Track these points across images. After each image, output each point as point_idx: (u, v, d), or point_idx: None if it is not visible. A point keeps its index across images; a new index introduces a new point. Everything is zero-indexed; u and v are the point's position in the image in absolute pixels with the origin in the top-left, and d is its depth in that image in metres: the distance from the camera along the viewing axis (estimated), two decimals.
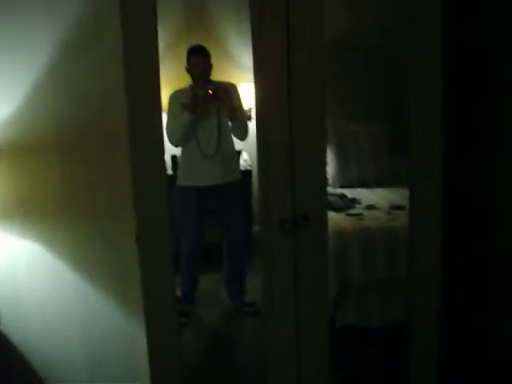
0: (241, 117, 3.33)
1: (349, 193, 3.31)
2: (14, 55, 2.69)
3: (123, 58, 2.25)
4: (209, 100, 3.22)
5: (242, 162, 3.59)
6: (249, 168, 3.57)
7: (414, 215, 2.49)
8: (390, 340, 2.97)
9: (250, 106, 3.42)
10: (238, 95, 3.37)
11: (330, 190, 3.21)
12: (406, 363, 2.59)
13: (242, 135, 3.36)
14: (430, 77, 2.36)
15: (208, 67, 3.25)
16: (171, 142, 3.23)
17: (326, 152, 2.45)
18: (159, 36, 2.27)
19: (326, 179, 2.46)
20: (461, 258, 2.74)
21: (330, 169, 3.36)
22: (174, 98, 3.24)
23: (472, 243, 2.72)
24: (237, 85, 3.38)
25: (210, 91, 3.19)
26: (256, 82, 2.30)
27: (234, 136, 3.38)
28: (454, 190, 2.60)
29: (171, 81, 3.03)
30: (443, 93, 2.36)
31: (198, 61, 3.23)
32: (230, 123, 3.34)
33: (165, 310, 2.48)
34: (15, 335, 2.92)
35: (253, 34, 2.29)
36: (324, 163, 2.43)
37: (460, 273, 2.74)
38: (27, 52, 2.69)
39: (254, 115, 3.22)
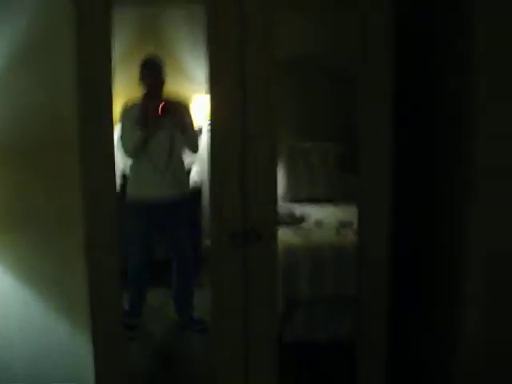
0: (192, 129, 3.32)
1: (298, 208, 3.32)
2: None
3: (76, 69, 2.23)
4: (160, 116, 3.20)
5: (193, 174, 3.57)
6: (199, 183, 3.55)
7: (363, 232, 2.52)
8: (337, 356, 2.99)
9: (201, 123, 3.42)
10: (189, 113, 3.37)
11: (279, 205, 3.22)
12: (354, 379, 2.60)
13: (193, 147, 3.36)
14: (378, 91, 2.41)
15: (160, 79, 3.23)
16: (125, 154, 3.21)
17: (276, 167, 2.46)
18: (112, 48, 2.26)
19: (276, 194, 2.47)
20: (409, 275, 2.78)
21: (280, 184, 3.37)
22: (126, 109, 3.21)
23: (420, 259, 2.76)
24: (190, 97, 3.38)
25: (160, 108, 3.17)
26: (210, 96, 2.31)
27: (186, 148, 3.37)
28: (403, 206, 2.64)
29: (124, 92, 3.00)
30: (392, 107, 2.41)
31: (151, 72, 3.21)
32: (181, 139, 3.33)
33: (112, 324, 2.46)
34: None
35: (207, 49, 2.30)
36: (275, 178, 2.44)
37: (408, 289, 2.79)
38: None
39: (205, 129, 3.25)
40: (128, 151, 3.21)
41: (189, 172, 3.57)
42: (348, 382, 2.63)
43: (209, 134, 2.35)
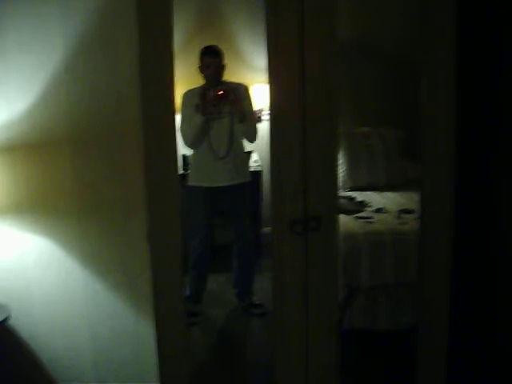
0: (251, 119, 3.32)
1: (359, 196, 3.31)
2: (30, 52, 2.71)
3: (138, 56, 2.27)
4: (220, 101, 3.22)
5: (252, 163, 3.59)
6: (259, 169, 3.57)
7: (425, 219, 2.48)
8: (397, 345, 2.96)
9: (261, 108, 3.42)
10: (249, 97, 3.37)
11: (339, 192, 3.21)
12: (414, 368, 2.58)
13: (251, 138, 3.36)
14: (443, 79, 2.36)
15: (220, 68, 3.25)
16: (186, 143, 3.24)
17: (337, 154, 2.44)
18: (173, 34, 2.28)
19: (337, 182, 2.46)
20: (472, 261, 2.73)
21: (341, 171, 3.36)
22: (186, 97, 3.24)
23: (483, 246, 2.71)
24: (249, 86, 3.38)
25: (221, 92, 3.18)
26: (270, 84, 2.31)
27: (244, 138, 3.38)
28: (466, 193, 2.59)
29: (184, 80, 3.03)
30: (456, 96, 2.36)
31: (211, 61, 3.23)
32: (242, 124, 3.33)
33: (174, 309, 2.49)
34: (24, 331, 2.94)
35: (267, 36, 2.30)
36: (336, 165, 2.43)
37: (471, 276, 2.74)
38: (42, 48, 2.71)
39: (264, 117, 3.25)
40: (189, 139, 3.25)
41: (249, 158, 3.59)
42: (407, 371, 2.61)
43: (269, 122, 2.35)
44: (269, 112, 2.35)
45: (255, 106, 3.41)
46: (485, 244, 2.71)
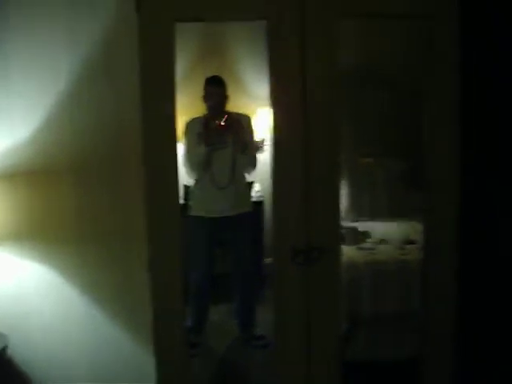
0: (251, 150, 3.34)
1: (360, 226, 3.29)
2: (33, 78, 2.72)
3: (140, 85, 2.27)
4: (223, 131, 3.23)
5: (253, 193, 3.59)
6: (261, 199, 3.56)
7: (429, 248, 2.47)
8: (400, 376, 2.92)
9: (264, 138, 3.42)
10: (252, 128, 3.38)
11: (342, 222, 3.20)
12: None
13: (250, 168, 3.37)
14: (446, 104, 2.37)
15: (223, 98, 3.27)
16: (189, 173, 3.25)
17: (340, 184, 2.44)
18: (176, 65, 2.29)
19: (339, 212, 2.45)
20: (477, 292, 2.71)
21: (343, 201, 3.35)
22: (189, 127, 3.26)
23: (488, 277, 2.69)
24: (252, 112, 3.40)
25: (223, 122, 3.19)
26: (272, 112, 2.31)
27: (243, 169, 3.38)
28: (471, 224, 2.58)
29: (186, 109, 3.04)
30: (460, 127, 2.36)
31: (214, 91, 3.24)
32: (243, 155, 3.34)
33: (175, 340, 2.46)
34: (22, 359, 2.91)
35: (269, 64, 2.31)
36: (338, 196, 2.42)
37: (475, 308, 2.71)
38: (46, 75, 2.72)
39: (267, 147, 3.25)
40: (191, 168, 3.25)
41: (251, 188, 3.58)
42: None
43: (271, 150, 2.34)
44: (271, 141, 2.34)
45: (257, 137, 3.42)
46: (491, 273, 2.69)
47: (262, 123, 3.41)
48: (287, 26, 2.27)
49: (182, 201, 3.41)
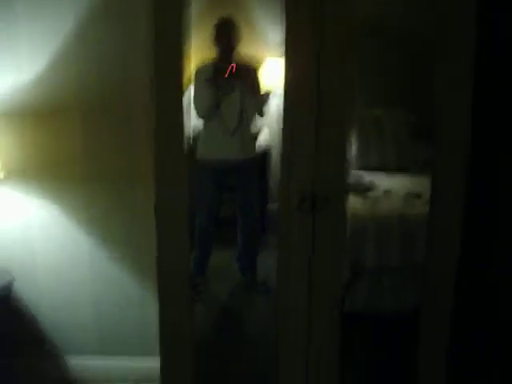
0: (259, 97, 3.32)
1: (367, 176, 3.28)
2: (40, 19, 2.69)
3: (151, 25, 2.24)
4: (231, 77, 3.21)
5: (262, 139, 3.57)
6: (268, 146, 3.55)
7: (435, 204, 2.46)
8: (400, 329, 2.96)
9: (272, 86, 3.39)
10: (257, 78, 3.36)
11: (349, 172, 3.19)
12: (415, 352, 2.58)
13: (260, 112, 3.36)
14: (457, 58, 2.32)
15: (234, 42, 3.22)
16: (198, 114, 3.24)
17: (349, 135, 2.42)
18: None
19: (347, 162, 2.44)
20: (480, 250, 2.72)
21: (351, 150, 3.33)
22: (199, 71, 3.22)
23: (494, 232, 2.69)
24: (262, 59, 3.36)
25: (231, 68, 3.17)
26: (285, 60, 2.28)
27: (255, 112, 3.37)
28: (479, 179, 2.57)
29: (198, 53, 3.01)
30: (472, 78, 2.33)
31: (224, 35, 3.20)
32: (251, 101, 3.33)
33: (179, 282, 2.49)
34: (28, 298, 2.94)
35: (286, 9, 2.25)
36: (347, 145, 2.41)
37: (477, 264, 2.73)
38: (52, 16, 2.68)
39: (274, 95, 3.22)
40: (200, 112, 3.23)
41: (258, 134, 3.57)
42: (409, 356, 2.61)
43: (282, 97, 2.32)
44: (283, 86, 2.32)
45: (263, 89, 3.40)
46: (495, 234, 2.70)
47: (274, 68, 3.38)
48: None
49: (190, 143, 3.42)
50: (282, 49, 2.30)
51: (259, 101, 3.33)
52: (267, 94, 3.38)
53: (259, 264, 3.58)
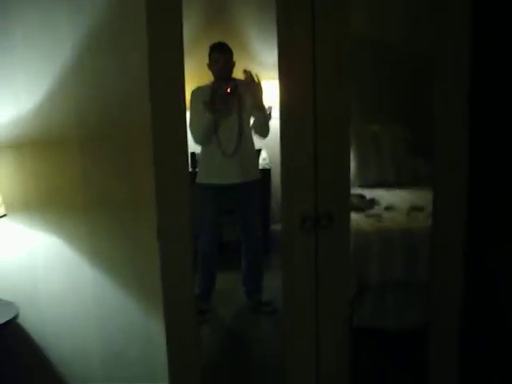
0: (263, 112, 3.32)
1: (368, 193, 3.29)
2: (37, 47, 2.70)
3: (148, 54, 2.25)
4: (229, 98, 3.21)
5: (261, 160, 3.58)
6: (268, 167, 3.55)
7: (437, 216, 2.46)
8: (406, 344, 2.95)
9: (271, 105, 3.40)
10: (261, 91, 3.36)
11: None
12: (424, 366, 2.57)
13: (264, 132, 3.35)
14: (456, 75, 2.34)
15: (229, 64, 3.24)
16: (195, 140, 3.23)
17: (349, 151, 2.43)
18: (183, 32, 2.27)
19: (349, 179, 2.45)
20: (483, 260, 2.71)
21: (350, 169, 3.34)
22: (195, 95, 3.23)
23: (496, 244, 2.69)
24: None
25: (229, 89, 3.18)
26: (280, 80, 2.29)
27: (256, 133, 3.37)
28: (480, 190, 2.57)
29: (193, 78, 3.02)
30: (469, 91, 2.34)
31: (220, 57, 3.22)
32: (251, 121, 3.33)
33: (184, 307, 2.48)
34: (32, 329, 2.93)
35: (278, 32, 2.27)
36: (347, 162, 2.41)
37: (482, 275, 2.72)
38: (50, 44, 2.70)
39: (273, 114, 3.24)
40: (197, 137, 3.23)
41: (258, 156, 3.57)
42: (418, 370, 2.59)
43: (279, 118, 2.33)
44: (279, 108, 2.33)
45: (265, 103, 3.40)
46: (498, 241, 2.69)
47: (270, 90, 3.39)
48: None
49: (190, 169, 3.42)
50: (277, 70, 2.31)
51: (262, 114, 3.32)
52: (269, 108, 3.39)
53: (264, 285, 3.57)
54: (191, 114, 3.21)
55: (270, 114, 3.38)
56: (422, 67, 2.70)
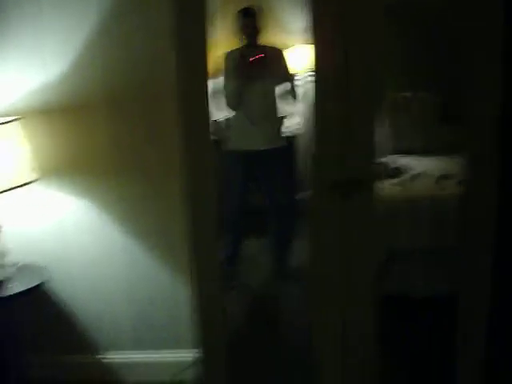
0: (290, 80, 3.31)
1: (398, 160, 3.27)
2: (65, 14, 2.69)
3: (173, 19, 2.24)
4: (256, 64, 3.20)
5: (291, 125, 3.54)
6: (295, 134, 3.53)
7: (469, 182, 2.42)
8: (436, 311, 2.94)
9: (298, 73, 3.39)
10: (285, 61, 3.34)
11: (380, 156, 3.17)
12: (452, 335, 2.55)
13: (292, 97, 3.34)
14: (489, 42, 2.29)
15: (257, 29, 3.22)
16: (227, 103, 3.24)
17: (379, 118, 2.40)
18: None
19: (375, 146, 2.42)
20: None
21: (380, 136, 3.31)
22: (227, 58, 3.22)
23: None
24: (284, 48, 3.35)
25: (256, 56, 3.16)
26: (314, 44, 2.24)
27: (284, 100, 3.35)
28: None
29: (222, 43, 3.01)
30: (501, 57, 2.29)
31: (247, 22, 3.20)
32: (277, 89, 3.31)
33: (211, 273, 2.49)
34: (63, 293, 2.96)
35: None
36: (374, 130, 2.38)
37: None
38: (78, 11, 2.68)
39: (300, 82, 3.22)
40: (229, 99, 3.24)
41: (283, 123, 3.55)
42: (445, 340, 2.58)
43: (313, 83, 2.30)
44: (312, 73, 2.29)
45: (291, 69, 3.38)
46: None
47: (296, 57, 3.37)
48: None
49: (219, 133, 3.42)
50: (309, 36, 2.28)
51: (289, 82, 3.31)
52: (293, 75, 3.37)
53: (294, 251, 3.57)
54: (224, 77, 3.21)
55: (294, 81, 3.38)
56: (454, 36, 2.63)
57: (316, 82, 2.28)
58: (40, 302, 2.88)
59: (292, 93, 3.34)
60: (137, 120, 2.76)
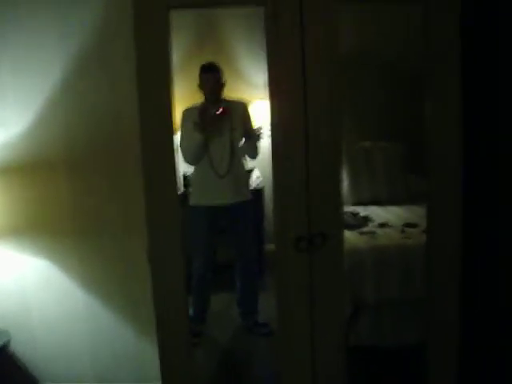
0: (252, 135, 3.31)
1: (361, 210, 3.27)
2: (26, 71, 2.69)
3: (136, 75, 2.24)
4: (219, 119, 3.20)
5: (254, 179, 3.56)
6: (261, 186, 3.54)
7: (432, 232, 2.44)
8: (403, 362, 2.92)
9: (260, 126, 3.40)
10: (249, 114, 3.36)
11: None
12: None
13: (254, 154, 3.35)
14: (447, 88, 2.33)
15: (219, 84, 3.23)
16: (185, 160, 3.22)
17: (341, 169, 2.41)
18: (171, 51, 2.26)
19: (341, 197, 2.43)
20: (480, 274, 2.69)
21: (343, 186, 3.33)
22: (186, 115, 3.22)
23: (492, 256, 2.67)
24: (249, 103, 3.37)
25: (221, 110, 3.17)
26: (271, 99, 2.28)
27: (246, 155, 3.36)
28: (474, 205, 2.55)
29: (183, 98, 3.01)
30: (461, 106, 2.33)
31: (210, 78, 3.21)
32: (241, 142, 3.32)
33: (177, 331, 2.45)
34: (24, 355, 2.89)
35: (267, 50, 2.27)
36: (339, 181, 2.40)
37: (479, 289, 2.69)
38: (39, 68, 2.68)
39: (264, 134, 3.23)
40: (188, 156, 3.22)
41: (250, 176, 3.56)
42: None
43: (271, 138, 2.32)
44: (270, 128, 2.32)
45: (255, 124, 3.39)
46: (494, 255, 2.67)
47: (260, 110, 3.38)
48: (286, 12, 2.23)
49: (181, 190, 3.39)
50: (267, 91, 2.30)
51: (252, 135, 3.32)
52: (259, 129, 3.38)
53: (260, 306, 3.54)
54: (182, 134, 3.20)
55: (259, 134, 3.38)
56: (414, 83, 2.68)
57: (273, 135, 2.29)
58: (0, 364, 2.81)
59: (256, 146, 3.35)
60: (97, 178, 2.75)
